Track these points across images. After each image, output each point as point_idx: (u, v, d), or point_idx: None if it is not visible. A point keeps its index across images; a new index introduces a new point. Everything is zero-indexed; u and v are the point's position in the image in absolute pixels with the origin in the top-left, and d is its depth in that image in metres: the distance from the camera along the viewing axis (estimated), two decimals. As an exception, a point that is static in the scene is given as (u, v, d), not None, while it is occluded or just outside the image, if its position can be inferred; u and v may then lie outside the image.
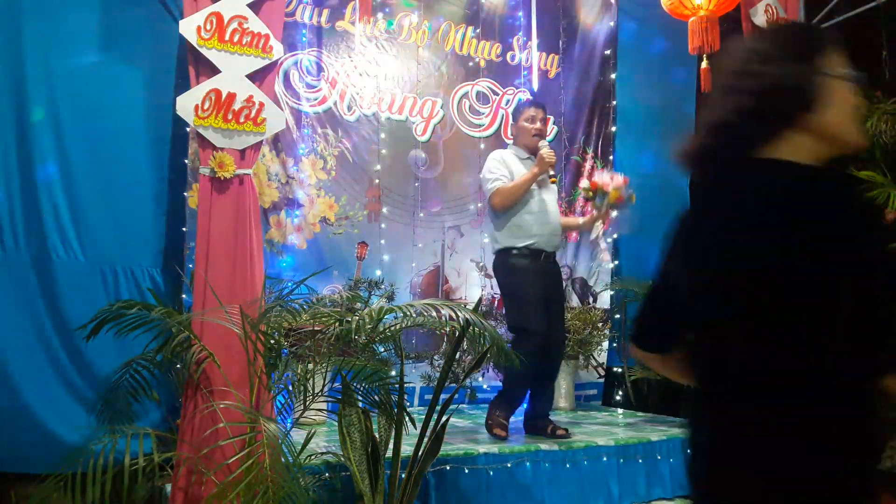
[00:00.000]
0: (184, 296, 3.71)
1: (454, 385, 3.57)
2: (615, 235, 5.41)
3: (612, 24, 5.42)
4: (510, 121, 5.10)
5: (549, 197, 3.62)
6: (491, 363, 4.21)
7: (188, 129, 3.69)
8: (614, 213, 4.19)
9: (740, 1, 3.67)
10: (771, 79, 1.12)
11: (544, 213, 3.55)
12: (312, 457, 2.60)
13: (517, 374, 3.43)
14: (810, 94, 1.11)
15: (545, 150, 3.49)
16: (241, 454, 2.12)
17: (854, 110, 1.14)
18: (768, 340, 1.04)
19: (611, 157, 5.40)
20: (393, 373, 2.62)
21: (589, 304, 5.09)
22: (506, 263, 3.55)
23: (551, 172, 3.56)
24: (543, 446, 3.15)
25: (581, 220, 4.00)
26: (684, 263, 1.18)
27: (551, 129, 5.23)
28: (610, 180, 3.58)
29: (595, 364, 5.04)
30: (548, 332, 3.46)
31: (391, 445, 2.55)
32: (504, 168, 3.56)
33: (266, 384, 2.46)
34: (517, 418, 3.59)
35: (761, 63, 1.14)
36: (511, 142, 3.84)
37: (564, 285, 5.01)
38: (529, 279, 3.46)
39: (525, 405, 3.64)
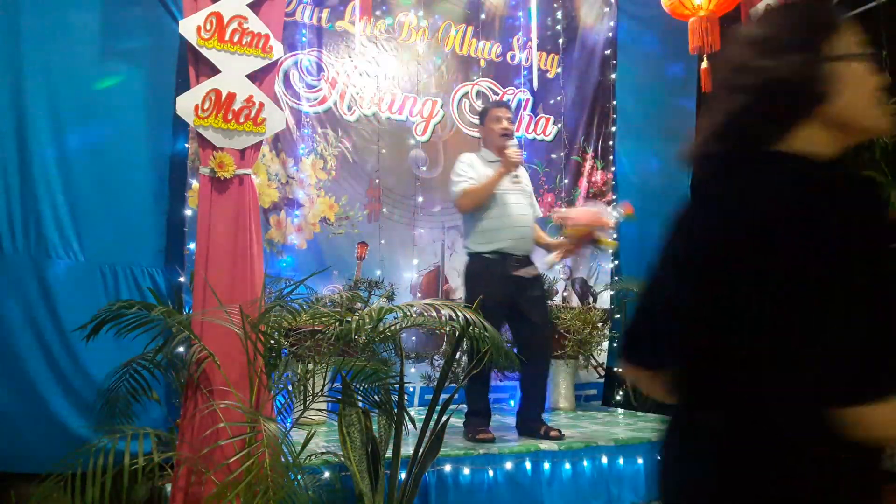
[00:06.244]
0: (184, 296, 3.71)
1: (454, 385, 3.56)
2: (614, 233, 5.41)
3: (611, 23, 5.43)
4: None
5: (519, 200, 3.50)
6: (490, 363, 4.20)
7: (188, 129, 3.70)
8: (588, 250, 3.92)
9: (740, 1, 3.67)
10: (773, 74, 1.00)
11: (510, 217, 3.44)
12: (312, 457, 2.60)
13: (470, 389, 3.41)
14: (819, 85, 0.98)
15: (511, 150, 3.41)
16: (240, 454, 2.12)
17: (872, 92, 1.01)
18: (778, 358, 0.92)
19: (611, 157, 5.41)
20: (393, 373, 2.62)
21: (589, 304, 5.10)
22: (469, 269, 3.52)
23: (516, 173, 3.44)
24: (543, 446, 3.15)
25: (547, 239, 3.71)
26: (675, 270, 1.08)
27: (552, 130, 5.24)
28: (572, 216, 3.44)
29: (595, 364, 5.04)
30: (523, 337, 3.47)
31: (391, 445, 2.55)
32: (471, 171, 3.50)
33: (266, 384, 2.46)
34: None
35: (762, 55, 1.02)
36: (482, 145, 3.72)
37: (560, 286, 5.02)
38: (489, 286, 3.32)
39: (517, 406, 3.62)
